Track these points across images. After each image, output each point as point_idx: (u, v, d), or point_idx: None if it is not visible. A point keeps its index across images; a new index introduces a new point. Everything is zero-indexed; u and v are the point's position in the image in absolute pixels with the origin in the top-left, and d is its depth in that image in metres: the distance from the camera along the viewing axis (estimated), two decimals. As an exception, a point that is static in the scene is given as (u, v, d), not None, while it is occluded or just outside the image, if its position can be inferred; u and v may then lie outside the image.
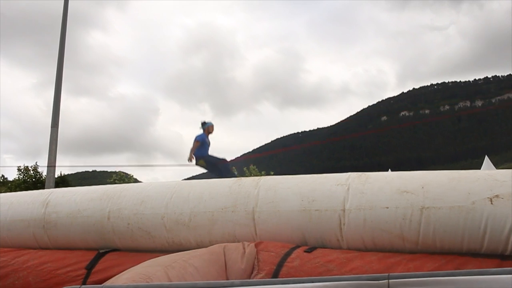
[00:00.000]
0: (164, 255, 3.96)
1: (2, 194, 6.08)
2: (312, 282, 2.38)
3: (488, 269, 2.18)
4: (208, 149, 12.67)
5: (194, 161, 12.54)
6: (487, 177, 3.80)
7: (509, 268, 2.19)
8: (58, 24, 18.11)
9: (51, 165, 16.92)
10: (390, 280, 2.21)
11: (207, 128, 12.76)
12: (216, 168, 12.55)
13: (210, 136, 12.77)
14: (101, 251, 4.96)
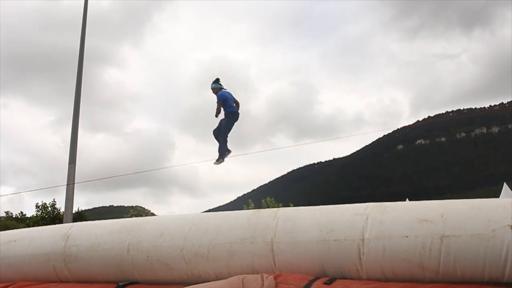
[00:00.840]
0: (183, 287, 3.97)
1: (23, 229, 6.15)
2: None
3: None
4: (232, 103, 12.66)
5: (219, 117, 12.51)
6: (507, 204, 3.78)
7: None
8: (75, 62, 18.40)
9: (70, 183, 16.97)
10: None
11: (212, 90, 12.76)
12: (224, 126, 12.59)
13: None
14: (120, 284, 4.97)
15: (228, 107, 12.62)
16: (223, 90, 12.65)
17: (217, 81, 12.92)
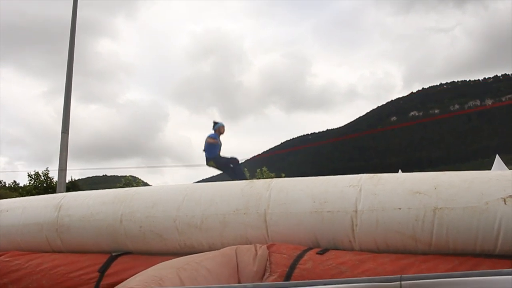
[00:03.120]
0: (176, 257, 3.97)
1: (16, 199, 6.12)
2: (325, 284, 2.37)
3: (501, 270, 2.17)
4: (219, 150, 12.64)
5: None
6: (500, 177, 3.78)
7: (524, 269, 2.17)
8: (68, 32, 18.24)
9: (62, 169, 16.99)
10: (402, 282, 2.20)
11: (219, 128, 12.71)
12: (228, 168, 12.49)
13: (221, 137, 12.73)
14: (113, 254, 4.97)
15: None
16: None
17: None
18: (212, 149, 12.53)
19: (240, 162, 12.90)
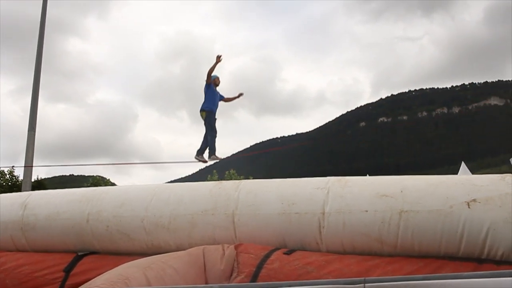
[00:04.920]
0: (143, 257, 3.96)
1: (-21, 196, 6.01)
2: (290, 286, 2.40)
3: (463, 273, 2.22)
4: (216, 104, 12.30)
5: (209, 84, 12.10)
6: (465, 181, 3.86)
7: (484, 272, 2.23)
8: (37, 31, 18.02)
9: (28, 165, 16.75)
10: (366, 284, 2.24)
11: (214, 80, 12.34)
12: (211, 131, 12.23)
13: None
14: (79, 253, 4.93)
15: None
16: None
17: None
18: (208, 99, 12.22)
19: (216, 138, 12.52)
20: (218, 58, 12.03)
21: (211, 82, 12.26)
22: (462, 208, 3.66)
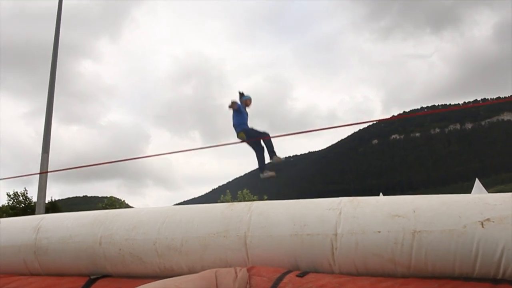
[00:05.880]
0: (155, 280, 3.95)
1: (-7, 220, 6.04)
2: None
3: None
4: (247, 120, 11.78)
5: (233, 106, 11.47)
6: (478, 200, 3.83)
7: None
8: (50, 54, 18.20)
9: (43, 172, 16.78)
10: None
11: (245, 100, 11.82)
12: (258, 144, 11.68)
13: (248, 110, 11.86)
14: (92, 277, 4.93)
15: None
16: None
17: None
18: (239, 119, 11.74)
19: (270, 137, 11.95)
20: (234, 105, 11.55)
21: (241, 104, 11.74)
22: (476, 228, 3.62)
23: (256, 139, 11.39)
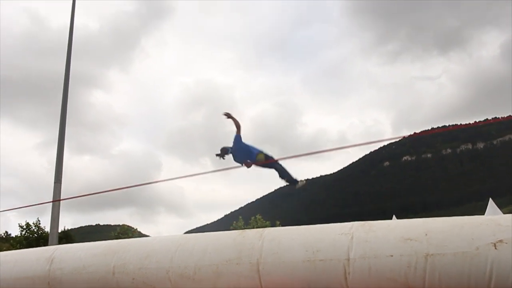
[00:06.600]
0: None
1: (8, 252, 6.09)
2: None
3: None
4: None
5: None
6: (490, 222, 3.82)
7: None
8: (61, 85, 18.40)
9: (56, 199, 16.79)
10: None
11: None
12: (275, 162, 11.26)
13: None
14: (106, 307, 4.93)
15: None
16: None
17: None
18: (248, 145, 11.15)
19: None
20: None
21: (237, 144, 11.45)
22: (489, 249, 3.61)
23: (273, 161, 11.08)
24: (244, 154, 10.98)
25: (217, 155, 10.06)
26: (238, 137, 10.51)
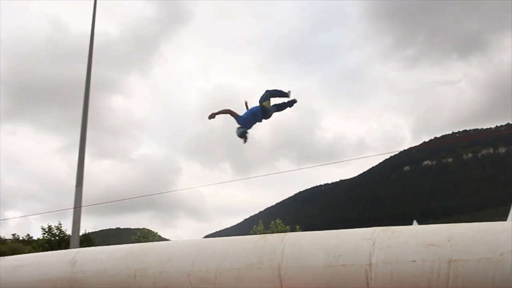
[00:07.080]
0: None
1: (31, 254, 6.15)
2: None
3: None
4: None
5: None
6: (514, 228, 3.77)
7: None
8: (82, 90, 18.57)
9: (77, 206, 16.91)
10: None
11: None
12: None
13: None
14: (127, 310, 4.95)
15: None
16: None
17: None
18: (250, 111, 10.86)
19: None
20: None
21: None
22: (513, 256, 3.56)
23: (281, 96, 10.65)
24: (252, 118, 10.79)
25: (244, 141, 9.93)
26: (239, 117, 10.31)
